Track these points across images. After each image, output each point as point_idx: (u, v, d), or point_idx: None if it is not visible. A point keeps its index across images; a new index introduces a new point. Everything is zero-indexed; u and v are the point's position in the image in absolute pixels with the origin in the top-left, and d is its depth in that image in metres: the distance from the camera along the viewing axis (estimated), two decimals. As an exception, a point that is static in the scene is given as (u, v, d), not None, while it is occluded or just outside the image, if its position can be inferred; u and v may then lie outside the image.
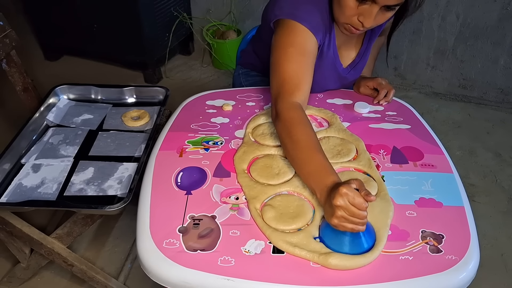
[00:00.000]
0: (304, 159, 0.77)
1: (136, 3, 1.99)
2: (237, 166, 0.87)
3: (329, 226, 0.69)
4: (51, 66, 2.40)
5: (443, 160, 0.90)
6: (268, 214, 0.75)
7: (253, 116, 1.01)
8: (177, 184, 0.82)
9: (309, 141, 0.79)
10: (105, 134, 1.18)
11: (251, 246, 0.70)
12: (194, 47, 2.53)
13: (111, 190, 1.01)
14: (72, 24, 2.19)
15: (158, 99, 1.32)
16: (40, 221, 1.41)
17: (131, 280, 1.31)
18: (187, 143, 0.94)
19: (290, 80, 0.88)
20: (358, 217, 0.65)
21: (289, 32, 0.91)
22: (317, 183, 0.73)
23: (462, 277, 0.67)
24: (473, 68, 2.09)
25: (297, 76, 0.89)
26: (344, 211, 0.66)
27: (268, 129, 0.97)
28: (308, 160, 0.77)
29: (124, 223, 1.50)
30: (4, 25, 1.16)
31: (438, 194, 0.81)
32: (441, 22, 2.01)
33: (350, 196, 0.65)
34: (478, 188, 1.68)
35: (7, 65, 1.20)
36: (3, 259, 1.35)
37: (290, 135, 0.81)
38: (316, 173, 0.74)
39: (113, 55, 2.29)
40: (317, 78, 0.97)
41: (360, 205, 0.65)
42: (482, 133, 1.97)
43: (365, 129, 0.99)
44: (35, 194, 0.99)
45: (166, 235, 0.72)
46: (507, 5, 1.86)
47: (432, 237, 0.72)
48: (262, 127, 0.98)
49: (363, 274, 0.66)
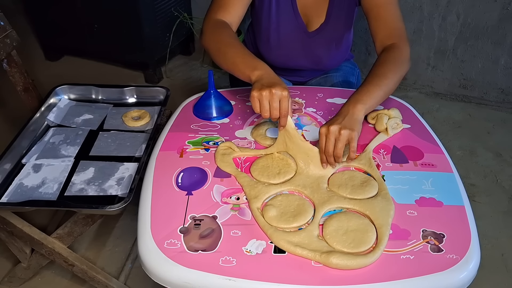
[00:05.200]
0: (234, 53, 0.90)
1: (136, 3, 1.99)
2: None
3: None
4: (51, 66, 2.41)
5: (443, 159, 0.90)
6: (269, 213, 0.75)
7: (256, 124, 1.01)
8: (178, 185, 0.82)
9: (233, 41, 0.93)
10: (105, 134, 1.18)
11: (252, 246, 0.71)
12: (194, 47, 2.54)
13: (112, 190, 1.01)
14: (73, 24, 2.19)
15: (158, 99, 1.32)
16: (41, 221, 1.42)
17: (131, 280, 1.31)
18: (187, 143, 0.94)
19: (218, 1, 1.00)
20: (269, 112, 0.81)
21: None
22: (250, 69, 0.85)
23: (463, 276, 0.67)
24: (474, 68, 2.09)
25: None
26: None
27: (269, 129, 0.97)
28: (236, 53, 0.90)
29: (125, 223, 1.50)
30: (5, 25, 1.16)
31: (438, 193, 0.81)
32: (441, 22, 2.01)
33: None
34: (478, 188, 1.68)
35: (8, 65, 1.20)
36: (4, 259, 1.35)
37: (216, 40, 0.94)
38: (246, 62, 0.87)
39: (114, 55, 2.30)
40: (273, 27, 1.08)
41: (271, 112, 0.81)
42: (483, 133, 1.97)
43: (365, 128, 0.99)
44: (36, 194, 1.00)
45: (167, 236, 0.72)
46: (507, 5, 1.86)
47: (433, 236, 0.72)
48: (262, 127, 0.97)
49: (365, 273, 0.67)
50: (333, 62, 1.23)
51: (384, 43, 0.99)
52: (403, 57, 0.95)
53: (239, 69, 0.88)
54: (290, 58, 1.17)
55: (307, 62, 1.18)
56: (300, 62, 1.19)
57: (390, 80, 0.90)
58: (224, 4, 1.00)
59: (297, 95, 1.10)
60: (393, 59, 0.93)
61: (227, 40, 0.94)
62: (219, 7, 1.00)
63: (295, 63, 1.20)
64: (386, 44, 0.98)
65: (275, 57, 1.18)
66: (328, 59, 1.19)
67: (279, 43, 1.13)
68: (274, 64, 1.21)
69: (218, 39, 0.95)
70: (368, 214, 0.76)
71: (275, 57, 1.18)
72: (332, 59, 1.20)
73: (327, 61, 1.20)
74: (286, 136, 0.86)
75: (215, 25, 0.98)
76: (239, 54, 0.90)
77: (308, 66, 1.21)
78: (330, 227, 0.73)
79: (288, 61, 1.19)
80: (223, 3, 1.00)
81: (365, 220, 0.75)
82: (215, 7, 1.01)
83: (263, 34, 1.14)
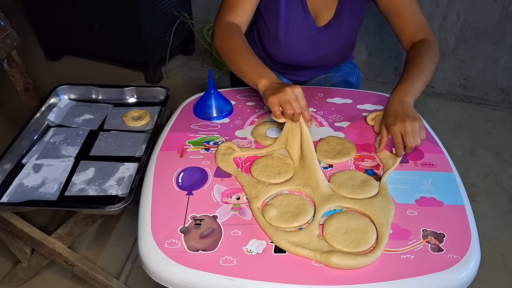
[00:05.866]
0: (243, 60, 0.93)
1: (137, 3, 1.99)
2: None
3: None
4: (52, 66, 2.41)
5: (443, 159, 0.90)
6: (270, 213, 0.75)
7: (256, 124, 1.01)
8: (178, 185, 0.82)
9: (243, 47, 0.95)
10: (106, 134, 1.18)
11: (252, 246, 0.71)
12: (194, 47, 2.54)
13: (112, 190, 1.01)
14: (73, 24, 2.19)
15: (159, 99, 1.32)
16: (41, 221, 1.42)
17: (132, 280, 1.31)
18: (187, 143, 0.94)
19: (227, 2, 1.02)
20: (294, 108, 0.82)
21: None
22: (259, 75, 0.89)
23: (463, 276, 0.67)
24: (474, 68, 2.09)
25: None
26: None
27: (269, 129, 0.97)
28: (246, 60, 0.93)
29: (125, 223, 1.50)
30: (5, 25, 1.16)
31: (438, 193, 0.81)
32: (441, 22, 2.01)
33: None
34: (478, 188, 1.68)
35: (8, 65, 1.20)
36: (4, 259, 1.35)
37: (227, 45, 0.97)
38: (254, 70, 0.90)
39: (114, 55, 2.30)
40: (284, 23, 1.09)
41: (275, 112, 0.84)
42: (483, 133, 1.97)
43: (365, 128, 0.99)
44: (36, 194, 1.00)
45: (168, 235, 0.72)
46: (507, 5, 1.86)
47: (433, 236, 0.72)
48: (262, 127, 0.98)
49: (365, 273, 0.67)
50: (340, 58, 1.23)
51: (413, 39, 1.03)
52: (436, 49, 1.01)
53: (247, 75, 0.92)
54: (297, 54, 1.16)
55: (314, 57, 1.18)
56: (307, 58, 1.18)
57: (428, 70, 0.96)
58: (233, 6, 1.02)
59: (297, 95, 1.10)
60: (428, 50, 0.99)
61: (236, 45, 0.96)
62: (229, 9, 1.02)
63: (302, 59, 1.19)
64: (415, 39, 1.03)
65: (281, 53, 1.17)
66: (336, 55, 1.19)
67: (287, 38, 1.13)
68: (279, 61, 1.20)
69: (228, 44, 0.97)
70: (369, 213, 0.76)
71: (282, 53, 1.17)
72: (339, 55, 1.20)
73: (334, 57, 1.20)
74: (290, 132, 0.87)
75: (225, 28, 1.00)
76: (247, 61, 0.93)
77: (315, 62, 1.21)
78: (330, 226, 0.73)
79: (294, 57, 1.18)
80: (232, 5, 1.02)
81: (365, 220, 0.75)
82: (225, 9, 1.02)
83: (270, 30, 1.13)
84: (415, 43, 1.02)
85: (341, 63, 1.28)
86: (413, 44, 1.02)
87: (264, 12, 1.13)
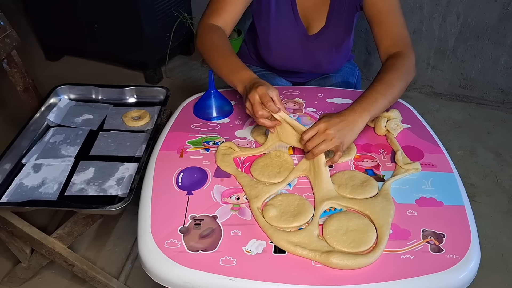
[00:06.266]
0: (223, 62, 0.94)
1: (136, 3, 1.99)
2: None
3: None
4: (51, 66, 2.41)
5: (443, 159, 0.90)
6: (270, 213, 0.75)
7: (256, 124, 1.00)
8: (178, 185, 0.82)
9: (224, 48, 0.96)
10: (105, 134, 1.18)
11: (252, 246, 0.71)
12: (194, 47, 2.54)
13: (112, 190, 1.01)
14: (73, 24, 2.19)
15: (158, 99, 1.32)
16: (41, 221, 1.42)
17: (132, 280, 1.31)
18: (187, 143, 0.94)
19: (212, 4, 1.03)
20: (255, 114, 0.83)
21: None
22: (237, 78, 0.89)
23: (463, 276, 0.67)
24: (474, 68, 2.09)
25: (219, 2, 1.01)
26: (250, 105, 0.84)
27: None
28: (226, 62, 0.93)
29: (125, 223, 1.50)
30: (5, 25, 1.16)
31: (438, 193, 0.81)
32: (441, 22, 2.01)
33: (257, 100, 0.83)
34: (478, 188, 1.68)
35: (8, 65, 1.20)
36: (4, 259, 1.35)
37: (208, 45, 0.97)
38: (234, 71, 0.90)
39: (114, 55, 2.30)
40: (273, 29, 1.10)
41: (257, 112, 0.83)
42: (483, 133, 1.97)
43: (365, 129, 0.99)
44: (36, 194, 1.00)
45: (167, 235, 0.72)
46: (507, 5, 1.86)
47: (433, 236, 0.72)
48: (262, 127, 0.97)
49: (365, 273, 0.67)
50: (333, 66, 1.22)
51: (389, 51, 0.98)
52: (409, 65, 0.95)
53: (227, 78, 0.92)
54: (290, 61, 1.17)
55: (306, 65, 1.18)
56: (300, 65, 1.19)
57: (396, 88, 0.90)
58: (217, 9, 1.02)
59: (297, 95, 1.10)
60: (400, 66, 0.93)
61: (216, 47, 0.97)
62: (212, 11, 1.02)
63: (294, 66, 1.20)
64: (391, 52, 0.98)
65: (274, 59, 1.18)
66: (328, 63, 1.19)
67: (278, 45, 1.13)
68: (274, 66, 1.21)
69: (209, 46, 0.98)
70: (368, 214, 0.76)
71: (275, 59, 1.18)
72: (331, 63, 1.19)
73: (326, 65, 1.20)
74: (278, 127, 0.87)
75: (207, 30, 1.00)
76: (226, 63, 0.94)
77: (307, 69, 1.21)
78: (330, 227, 0.73)
79: (287, 63, 1.19)
80: (216, 8, 1.02)
81: (365, 220, 0.75)
82: (209, 12, 1.03)
83: (262, 36, 1.14)
84: (391, 56, 0.97)
85: (335, 70, 1.27)
86: (389, 57, 0.97)
87: (256, 19, 1.13)
